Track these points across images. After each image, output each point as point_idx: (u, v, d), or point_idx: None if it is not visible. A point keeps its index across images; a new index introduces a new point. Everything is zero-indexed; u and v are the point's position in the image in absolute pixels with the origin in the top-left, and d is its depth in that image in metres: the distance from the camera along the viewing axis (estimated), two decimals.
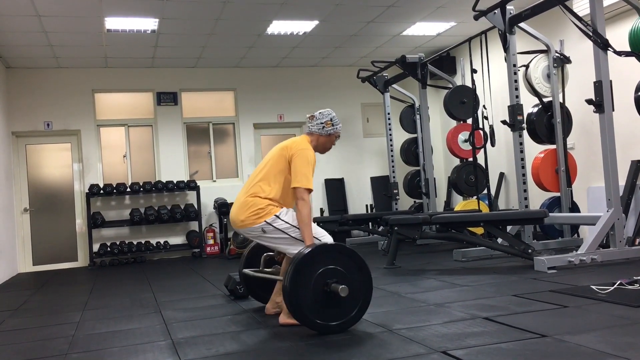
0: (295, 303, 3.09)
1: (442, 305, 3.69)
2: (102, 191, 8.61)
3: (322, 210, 9.65)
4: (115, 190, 8.66)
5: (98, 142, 9.09)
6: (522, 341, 2.69)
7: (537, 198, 6.85)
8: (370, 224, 8.50)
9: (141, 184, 8.80)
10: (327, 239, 3.53)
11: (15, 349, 3.46)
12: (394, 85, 8.80)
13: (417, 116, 8.69)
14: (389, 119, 8.83)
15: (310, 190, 3.47)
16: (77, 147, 9.01)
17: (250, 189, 3.58)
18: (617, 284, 3.74)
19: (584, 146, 6.83)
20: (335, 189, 9.95)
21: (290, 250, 3.44)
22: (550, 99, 6.34)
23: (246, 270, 3.97)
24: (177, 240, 9.12)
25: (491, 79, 7.04)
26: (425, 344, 2.76)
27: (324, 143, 3.70)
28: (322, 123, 3.65)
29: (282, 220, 3.48)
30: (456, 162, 8.34)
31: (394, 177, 8.90)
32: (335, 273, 3.14)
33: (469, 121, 7.61)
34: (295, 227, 3.47)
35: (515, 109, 5.85)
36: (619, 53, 5.13)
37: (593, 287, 3.76)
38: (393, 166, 8.92)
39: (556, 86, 6.30)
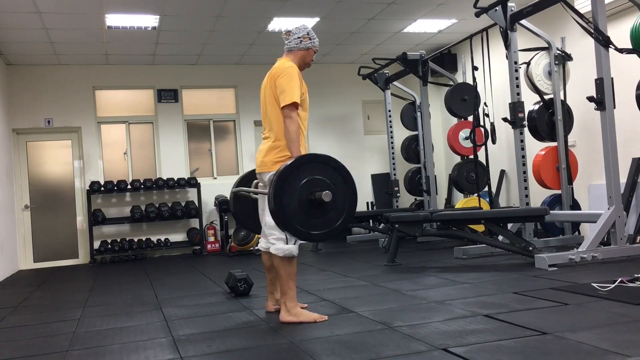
0: (280, 210, 3.05)
1: (443, 302, 3.69)
2: (102, 188, 8.61)
3: None
4: (116, 188, 8.66)
5: (99, 139, 9.09)
6: (522, 338, 2.69)
7: (538, 195, 6.85)
8: (370, 221, 8.48)
9: (142, 181, 8.80)
10: None
11: (16, 345, 3.47)
12: (394, 83, 8.79)
13: (418, 113, 8.69)
14: (389, 116, 8.82)
15: (296, 105, 3.44)
16: (78, 144, 9.01)
17: (273, 134, 3.52)
18: (617, 281, 3.73)
19: (585, 143, 6.82)
20: None
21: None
22: (551, 96, 6.33)
23: (237, 189, 3.90)
24: (178, 237, 9.12)
25: (492, 77, 7.04)
26: (426, 341, 2.76)
27: (303, 57, 3.71)
28: (299, 37, 3.67)
29: None
30: (457, 159, 8.34)
31: (394, 174, 8.89)
32: (321, 183, 3.11)
33: (470, 118, 7.60)
34: None
35: (516, 106, 5.85)
36: (621, 50, 5.12)
37: (594, 284, 3.75)
38: (394, 163, 8.91)
39: (557, 83, 6.29)
